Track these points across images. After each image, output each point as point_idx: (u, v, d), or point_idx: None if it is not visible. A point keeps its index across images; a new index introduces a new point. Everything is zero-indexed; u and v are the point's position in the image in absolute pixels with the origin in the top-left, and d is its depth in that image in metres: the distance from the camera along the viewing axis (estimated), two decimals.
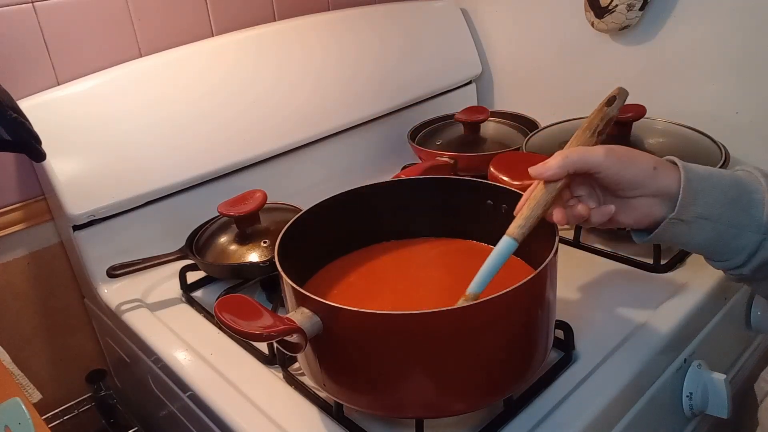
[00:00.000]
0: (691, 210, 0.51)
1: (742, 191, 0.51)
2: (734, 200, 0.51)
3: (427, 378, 0.51)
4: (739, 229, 0.51)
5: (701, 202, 0.51)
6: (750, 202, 0.51)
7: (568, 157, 0.51)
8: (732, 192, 0.51)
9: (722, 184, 0.52)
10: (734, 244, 0.52)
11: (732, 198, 0.51)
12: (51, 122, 0.79)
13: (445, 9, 1.22)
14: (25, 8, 0.80)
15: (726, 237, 0.52)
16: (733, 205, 0.51)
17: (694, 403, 0.69)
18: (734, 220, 0.51)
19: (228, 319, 0.48)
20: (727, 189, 0.51)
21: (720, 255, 0.54)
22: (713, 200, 0.51)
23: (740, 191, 0.51)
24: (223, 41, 0.96)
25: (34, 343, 0.93)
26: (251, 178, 0.97)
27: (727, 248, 0.53)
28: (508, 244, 0.53)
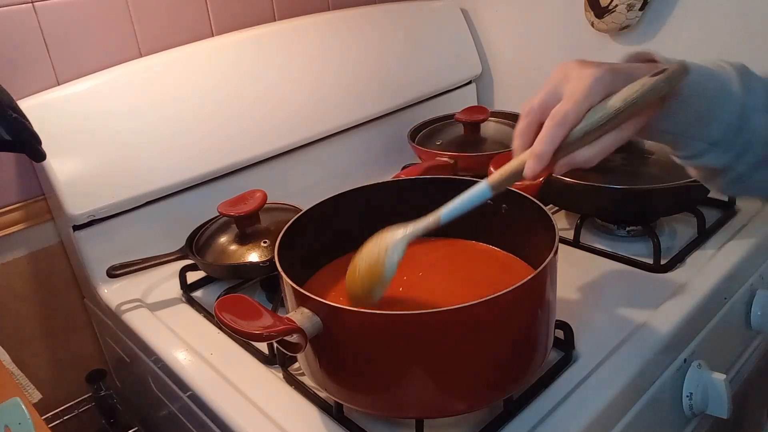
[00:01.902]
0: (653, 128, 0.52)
1: (715, 108, 0.51)
2: (702, 117, 0.52)
3: (427, 378, 0.51)
4: (694, 139, 0.53)
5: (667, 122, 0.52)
6: (717, 119, 0.52)
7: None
8: (705, 111, 0.51)
9: (699, 105, 0.51)
10: (683, 148, 0.54)
11: (700, 115, 0.52)
12: (51, 122, 0.79)
13: (445, 9, 1.22)
14: (25, 8, 0.80)
15: (679, 144, 0.54)
16: (698, 123, 0.52)
17: (694, 403, 0.69)
18: (692, 134, 0.53)
19: (228, 319, 0.48)
20: (702, 108, 0.51)
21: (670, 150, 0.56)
22: (681, 120, 0.52)
23: (713, 109, 0.51)
24: (223, 41, 0.96)
25: (34, 343, 0.93)
26: (251, 178, 0.97)
27: (676, 148, 0.55)
28: (484, 188, 0.51)
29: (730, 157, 0.53)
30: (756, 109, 0.52)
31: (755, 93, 0.52)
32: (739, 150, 0.53)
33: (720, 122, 0.52)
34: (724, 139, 0.52)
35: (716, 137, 0.52)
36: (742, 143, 0.53)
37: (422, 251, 0.70)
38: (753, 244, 0.78)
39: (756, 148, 0.53)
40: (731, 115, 0.52)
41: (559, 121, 0.47)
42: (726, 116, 0.52)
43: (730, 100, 0.52)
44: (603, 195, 0.77)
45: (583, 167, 0.49)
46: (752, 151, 0.53)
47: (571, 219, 0.89)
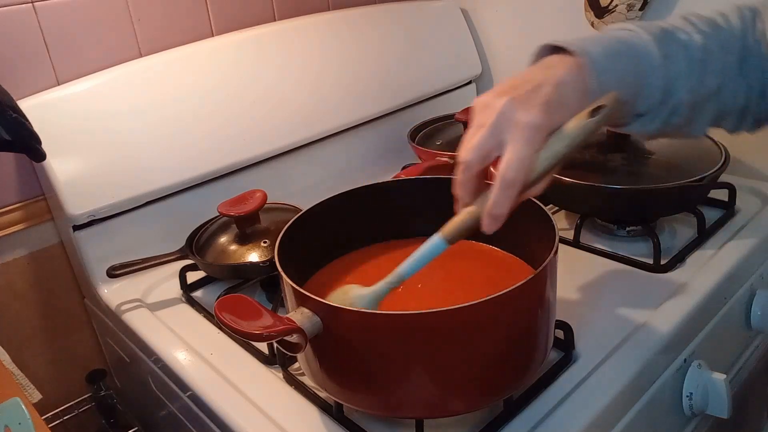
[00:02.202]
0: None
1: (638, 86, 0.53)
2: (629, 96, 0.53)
3: (427, 378, 0.51)
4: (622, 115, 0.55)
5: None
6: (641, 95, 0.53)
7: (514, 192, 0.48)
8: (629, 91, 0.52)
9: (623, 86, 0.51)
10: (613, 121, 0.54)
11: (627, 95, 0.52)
12: (51, 122, 0.79)
13: (445, 9, 1.22)
14: (25, 8, 0.80)
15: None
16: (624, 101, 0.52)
17: (694, 403, 0.69)
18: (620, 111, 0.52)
19: (228, 319, 0.48)
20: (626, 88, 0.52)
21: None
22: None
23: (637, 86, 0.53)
24: (223, 41, 0.96)
25: (34, 343, 0.93)
26: (251, 178, 0.97)
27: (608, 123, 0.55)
28: (438, 243, 0.51)
29: (657, 124, 0.56)
30: (678, 77, 0.54)
31: (675, 60, 0.54)
32: (666, 116, 0.55)
33: (645, 99, 0.54)
34: (649, 111, 0.54)
35: (642, 110, 0.54)
36: (667, 112, 0.55)
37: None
38: (753, 244, 0.78)
39: (681, 111, 0.55)
40: (655, 90, 0.53)
41: (510, 181, 0.46)
42: (650, 92, 0.53)
43: (652, 78, 0.53)
44: (603, 195, 0.77)
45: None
46: (677, 114, 0.55)
47: (571, 219, 0.89)
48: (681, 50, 0.54)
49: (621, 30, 0.55)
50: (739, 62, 0.55)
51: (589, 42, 0.52)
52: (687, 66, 0.53)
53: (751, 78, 0.55)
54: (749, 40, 0.55)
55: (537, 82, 0.48)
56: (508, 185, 0.46)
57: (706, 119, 0.57)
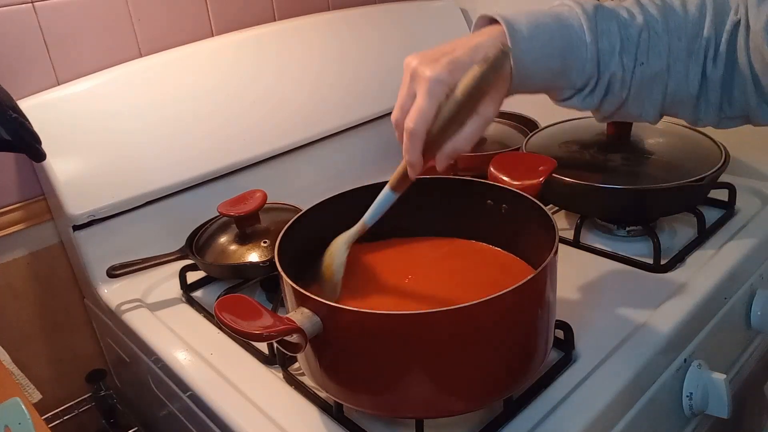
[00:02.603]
0: (519, 89, 0.55)
1: (567, 61, 0.55)
2: (558, 72, 0.56)
3: (427, 378, 0.51)
4: (559, 88, 0.58)
5: (528, 84, 0.55)
6: (575, 67, 0.56)
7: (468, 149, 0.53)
8: (558, 65, 0.55)
9: (550, 64, 0.55)
10: (555, 96, 0.59)
11: (555, 71, 0.55)
12: (51, 122, 0.79)
13: (445, 9, 1.22)
14: (25, 8, 0.80)
15: (550, 93, 0.59)
16: (555, 77, 0.56)
17: (694, 403, 0.69)
18: (556, 84, 0.57)
19: (228, 319, 0.48)
20: (554, 64, 0.55)
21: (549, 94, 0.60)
22: (539, 79, 0.56)
23: (566, 62, 0.55)
24: (223, 41, 0.96)
25: (34, 343, 0.93)
26: (251, 178, 0.97)
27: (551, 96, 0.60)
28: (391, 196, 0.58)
29: (597, 100, 0.58)
30: (612, 52, 0.55)
31: (608, 35, 0.55)
32: (603, 91, 0.57)
33: (577, 71, 0.56)
34: (587, 84, 0.57)
35: (578, 84, 0.57)
36: (604, 86, 0.57)
37: (422, 251, 0.70)
38: (753, 244, 0.78)
39: (619, 88, 0.57)
40: (586, 63, 0.55)
41: (411, 131, 0.51)
42: (581, 64, 0.55)
43: (581, 51, 0.55)
44: (603, 195, 0.77)
45: (462, 153, 0.53)
46: (615, 90, 0.57)
47: (571, 219, 0.89)
48: (615, 27, 0.55)
49: (559, 5, 0.58)
50: (690, 48, 0.56)
51: (519, 14, 0.55)
52: (621, 42, 0.55)
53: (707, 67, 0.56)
54: (707, 29, 0.56)
55: (455, 46, 0.53)
56: (412, 134, 0.51)
57: (654, 102, 0.58)
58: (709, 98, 0.58)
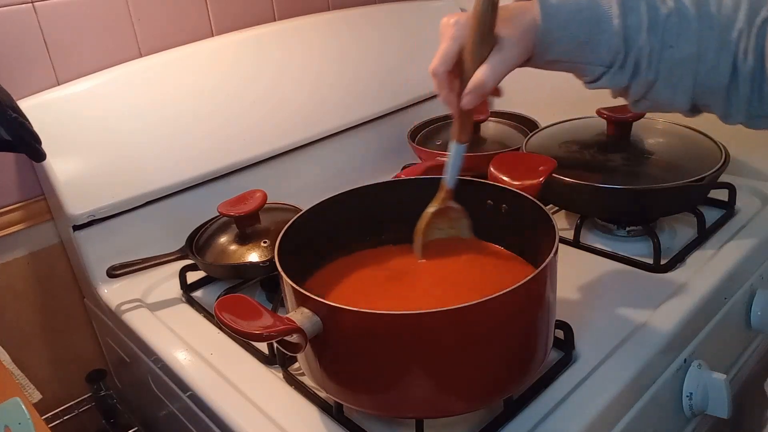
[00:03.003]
0: (544, 57, 0.57)
1: (596, 32, 0.56)
2: (584, 43, 0.56)
3: (427, 378, 0.51)
4: (587, 64, 0.58)
5: (553, 51, 0.57)
6: (602, 41, 0.56)
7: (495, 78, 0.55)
8: (583, 37, 0.56)
9: (576, 31, 0.56)
10: (582, 72, 0.59)
11: (582, 42, 0.56)
12: (51, 122, 0.79)
13: (445, 9, 1.22)
14: (25, 8, 0.80)
15: (576, 69, 0.59)
16: (582, 47, 0.56)
17: (694, 403, 0.69)
18: (584, 59, 0.57)
19: (228, 319, 0.48)
20: (579, 34, 0.56)
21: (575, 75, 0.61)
22: (564, 49, 0.57)
23: (594, 33, 0.56)
24: (223, 41, 0.96)
25: (34, 343, 0.93)
26: (251, 178, 0.97)
27: (577, 74, 0.60)
28: (461, 149, 0.61)
29: (626, 78, 0.57)
30: (639, 29, 0.56)
31: (636, 13, 0.56)
32: (632, 70, 0.57)
33: (604, 45, 0.56)
34: (615, 61, 0.56)
35: (606, 60, 0.57)
36: (633, 64, 0.56)
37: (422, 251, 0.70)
38: (753, 244, 0.78)
39: (645, 68, 0.57)
40: (613, 36, 0.55)
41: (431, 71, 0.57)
42: (608, 38, 0.56)
43: (609, 22, 0.55)
44: (603, 195, 0.77)
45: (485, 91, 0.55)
46: (642, 71, 0.57)
47: (571, 219, 0.89)
48: (644, 7, 0.56)
49: None
50: (722, 39, 0.56)
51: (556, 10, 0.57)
52: (648, 21, 0.56)
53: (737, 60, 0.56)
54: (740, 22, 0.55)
55: None
56: (432, 74, 0.57)
57: (685, 89, 0.58)
58: (740, 91, 0.57)
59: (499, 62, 0.55)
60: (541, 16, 0.55)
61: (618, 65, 0.57)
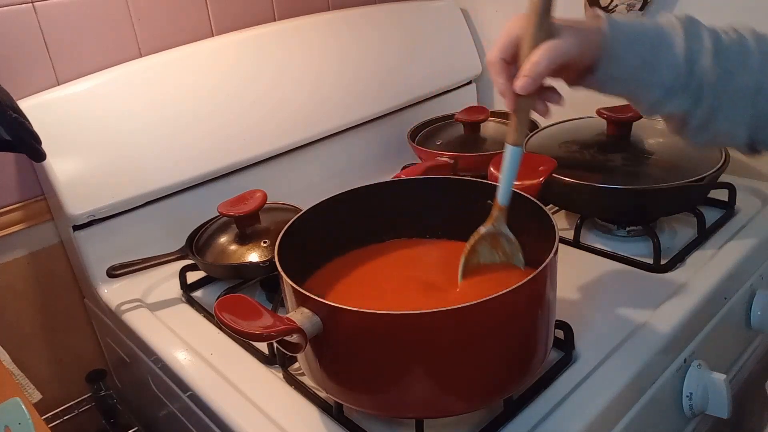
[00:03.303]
0: (606, 73, 0.56)
1: (659, 53, 0.55)
2: (648, 63, 0.55)
3: (427, 378, 0.51)
4: (647, 86, 0.56)
5: (615, 67, 0.56)
6: (664, 63, 0.55)
7: (549, 61, 0.53)
8: (648, 55, 0.55)
9: (641, 49, 0.55)
10: (640, 97, 0.58)
11: (646, 61, 0.55)
12: (51, 122, 0.79)
13: (445, 9, 1.22)
14: (25, 8, 0.80)
15: (635, 93, 0.58)
16: (645, 68, 0.56)
17: (694, 403, 0.69)
18: (644, 80, 0.56)
19: (228, 319, 0.48)
20: (644, 52, 0.55)
21: (629, 101, 0.60)
22: (627, 65, 0.56)
23: (657, 54, 0.55)
24: (223, 41, 0.96)
25: (34, 343, 0.93)
26: (251, 178, 0.97)
27: (633, 99, 0.59)
28: (514, 151, 0.56)
29: (687, 104, 0.56)
30: (701, 52, 0.55)
31: (699, 37, 0.56)
32: (694, 95, 0.56)
33: (667, 66, 0.55)
34: (676, 84, 0.55)
35: (668, 82, 0.55)
36: (695, 88, 0.55)
37: (422, 251, 0.70)
38: (753, 244, 0.78)
39: (707, 94, 0.56)
40: (676, 57, 0.55)
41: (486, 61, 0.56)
42: (671, 59, 0.55)
43: (672, 44, 0.55)
44: (603, 195, 0.77)
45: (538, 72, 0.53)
46: (704, 97, 0.56)
47: (571, 219, 0.89)
48: (707, 34, 0.56)
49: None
50: None
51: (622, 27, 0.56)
52: (712, 47, 0.55)
53: None
54: None
55: None
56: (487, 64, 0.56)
57: (744, 119, 0.57)
58: None
59: (553, 47, 0.53)
60: (608, 26, 0.55)
61: (680, 88, 0.56)
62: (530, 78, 0.53)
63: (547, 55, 0.52)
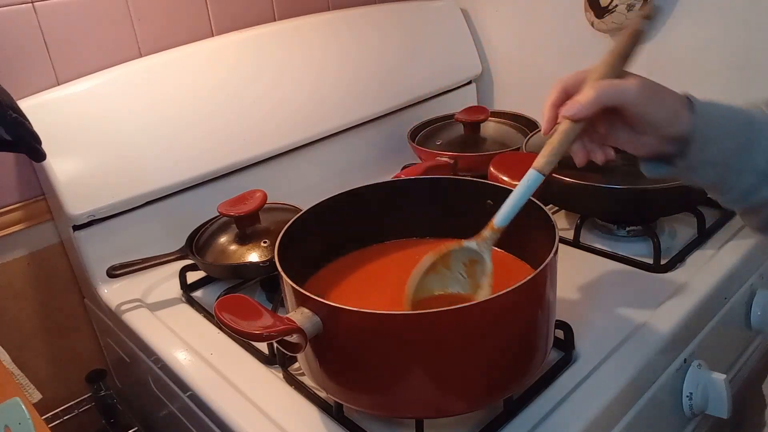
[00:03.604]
0: (701, 156, 0.51)
1: (752, 137, 0.51)
2: (742, 146, 0.51)
3: (427, 378, 0.51)
4: (740, 172, 0.52)
5: (711, 150, 0.51)
6: (757, 147, 0.51)
7: (602, 93, 0.50)
8: (742, 138, 0.51)
9: (735, 130, 0.51)
10: (732, 184, 0.53)
11: (740, 144, 0.51)
12: (51, 122, 0.79)
13: (445, 9, 1.22)
14: (25, 8, 0.80)
15: (728, 179, 0.53)
16: (740, 152, 0.51)
17: (694, 403, 0.69)
18: (738, 165, 0.52)
19: (228, 319, 0.48)
20: (738, 135, 0.51)
21: (718, 190, 0.55)
22: (722, 148, 0.51)
23: (750, 137, 0.51)
24: (223, 41, 0.96)
25: (34, 343, 0.93)
26: (251, 178, 0.97)
27: (725, 187, 0.54)
28: (535, 177, 0.52)
29: None
30: None
31: None
32: None
33: (761, 150, 0.51)
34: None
35: (762, 166, 0.51)
36: None
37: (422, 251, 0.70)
38: (753, 244, 0.78)
39: None
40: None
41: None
42: (765, 142, 0.51)
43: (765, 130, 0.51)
44: (603, 195, 0.77)
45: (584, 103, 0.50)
46: None
47: (571, 219, 0.89)
48: None
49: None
50: None
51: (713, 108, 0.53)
52: None
53: None
54: None
55: None
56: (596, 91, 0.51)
57: None
58: None
59: (612, 83, 0.50)
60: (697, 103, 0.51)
61: None
62: (577, 105, 0.50)
63: (602, 89, 0.50)
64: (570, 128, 0.51)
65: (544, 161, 0.52)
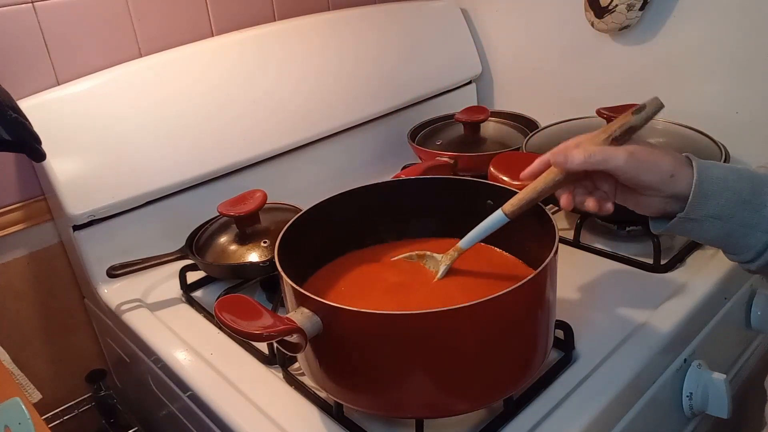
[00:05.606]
0: (701, 211, 0.52)
1: (756, 191, 0.52)
2: (747, 201, 0.52)
3: (427, 378, 0.51)
4: (750, 228, 0.52)
5: (712, 204, 0.52)
6: (763, 202, 0.52)
7: (592, 156, 0.52)
8: (746, 193, 0.52)
9: (737, 186, 0.52)
10: (743, 241, 0.53)
11: (745, 199, 0.52)
12: (51, 122, 0.79)
13: (445, 9, 1.22)
14: (25, 8, 0.80)
15: (736, 235, 0.53)
16: (745, 206, 0.52)
17: (694, 403, 0.69)
18: (745, 220, 0.52)
19: (228, 319, 0.48)
20: (741, 189, 0.52)
21: (730, 249, 0.55)
22: (724, 201, 0.52)
23: (755, 191, 0.52)
24: (223, 41, 0.96)
25: (34, 343, 0.93)
26: (251, 178, 0.97)
27: (737, 244, 0.54)
28: (500, 218, 0.58)
29: None
30: None
31: None
32: None
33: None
34: None
35: None
36: None
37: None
38: None
39: None
40: None
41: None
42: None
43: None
44: None
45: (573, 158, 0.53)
46: None
47: (571, 219, 0.89)
48: None
49: None
50: None
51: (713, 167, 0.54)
52: None
53: None
54: None
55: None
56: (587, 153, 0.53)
57: None
58: None
59: (602, 149, 0.52)
60: (696, 166, 0.52)
61: None
62: (567, 157, 0.53)
63: (593, 154, 0.52)
64: (548, 182, 0.56)
65: (511, 208, 0.58)
